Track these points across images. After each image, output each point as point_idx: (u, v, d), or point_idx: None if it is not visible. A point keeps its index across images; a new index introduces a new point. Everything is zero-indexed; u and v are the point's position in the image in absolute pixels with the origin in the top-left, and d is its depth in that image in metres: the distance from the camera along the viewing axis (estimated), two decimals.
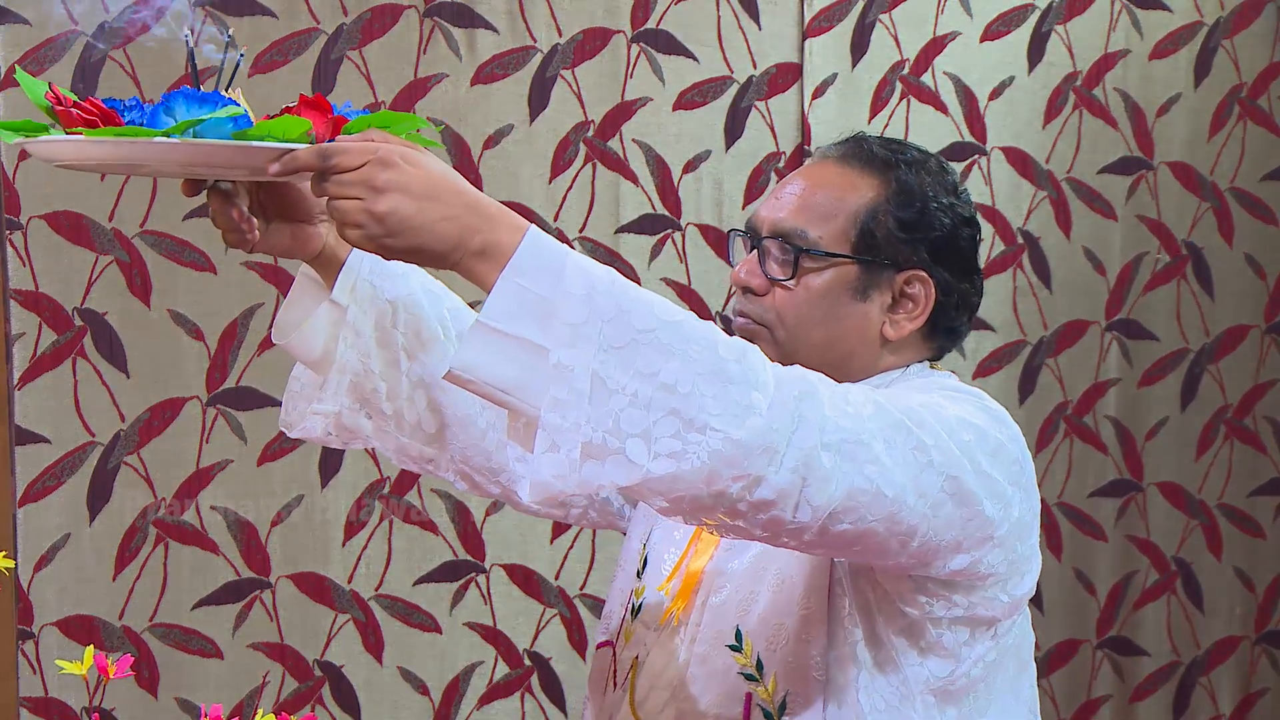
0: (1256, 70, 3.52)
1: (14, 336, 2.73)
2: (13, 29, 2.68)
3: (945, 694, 1.70)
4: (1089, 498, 3.47)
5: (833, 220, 1.75)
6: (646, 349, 1.44)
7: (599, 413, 1.42)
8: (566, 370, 1.42)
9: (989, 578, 1.66)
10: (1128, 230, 3.45)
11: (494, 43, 2.96)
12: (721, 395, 1.44)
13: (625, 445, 1.42)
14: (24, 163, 2.71)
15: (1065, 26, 3.35)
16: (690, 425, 1.43)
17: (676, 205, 3.09)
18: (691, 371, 1.44)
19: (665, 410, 1.42)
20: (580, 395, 1.42)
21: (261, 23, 2.82)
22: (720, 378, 1.44)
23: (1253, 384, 3.60)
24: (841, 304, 1.75)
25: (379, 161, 1.44)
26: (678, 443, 1.43)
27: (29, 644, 2.76)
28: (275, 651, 2.89)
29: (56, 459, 2.76)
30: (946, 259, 1.77)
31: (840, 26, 3.18)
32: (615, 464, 1.42)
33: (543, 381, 1.42)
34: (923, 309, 1.77)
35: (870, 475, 1.51)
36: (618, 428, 1.42)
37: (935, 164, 1.82)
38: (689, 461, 1.43)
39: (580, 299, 1.44)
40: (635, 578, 1.89)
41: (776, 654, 1.71)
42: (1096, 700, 3.51)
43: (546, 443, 1.42)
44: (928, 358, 1.82)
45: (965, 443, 1.60)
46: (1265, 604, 3.64)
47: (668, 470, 1.43)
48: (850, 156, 1.80)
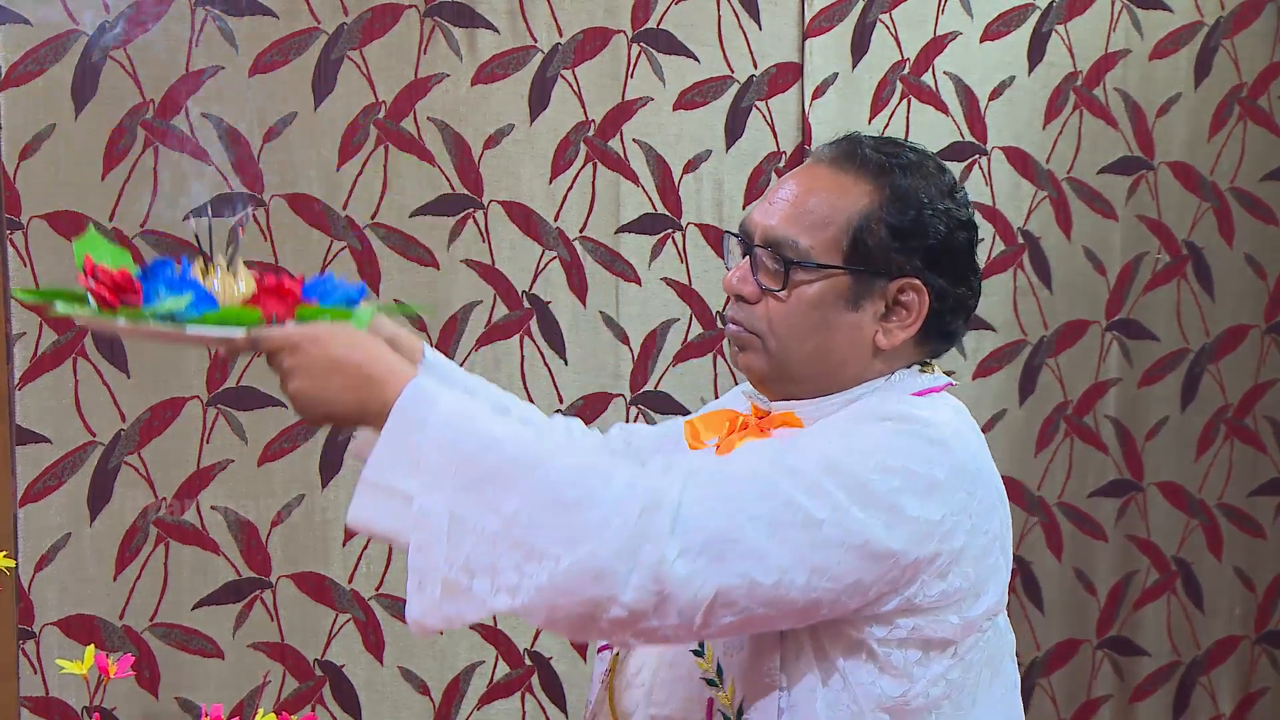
0: (1257, 70, 3.52)
1: (15, 336, 2.72)
2: (13, 29, 2.68)
3: (902, 712, 1.68)
4: (1089, 497, 3.46)
5: (825, 229, 1.72)
6: (493, 485, 1.52)
7: (454, 552, 1.52)
8: (427, 514, 1.53)
9: (929, 608, 1.65)
10: (1128, 230, 3.44)
11: (494, 42, 2.95)
12: (558, 521, 1.51)
13: (473, 583, 1.52)
14: (25, 163, 2.70)
15: (1065, 26, 3.34)
16: (529, 556, 1.51)
17: (677, 205, 3.09)
18: (531, 503, 1.52)
19: (509, 543, 1.52)
20: (439, 536, 1.52)
21: (262, 22, 2.81)
22: (556, 505, 1.52)
23: (1253, 384, 3.59)
24: (833, 314, 1.73)
25: (287, 349, 1.59)
26: (515, 575, 1.51)
27: (30, 643, 2.75)
28: (276, 651, 2.89)
29: (57, 459, 2.76)
30: (941, 265, 1.74)
31: (841, 26, 3.17)
32: (466, 600, 1.52)
33: (408, 526, 1.54)
34: (916, 317, 1.74)
35: (741, 570, 1.54)
36: (468, 565, 1.52)
37: (933, 166, 1.79)
38: (524, 594, 1.51)
39: (443, 445, 1.54)
40: None
41: (734, 660, 1.71)
42: (1097, 700, 3.50)
43: (415, 581, 1.53)
44: (920, 361, 1.79)
45: (880, 494, 1.59)
46: (1265, 604, 3.63)
47: (507, 605, 1.52)
48: (844, 159, 1.77)
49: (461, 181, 2.95)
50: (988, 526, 1.68)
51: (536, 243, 3.00)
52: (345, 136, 2.87)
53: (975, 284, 1.79)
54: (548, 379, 3.02)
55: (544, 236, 3.00)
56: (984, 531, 1.67)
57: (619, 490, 1.53)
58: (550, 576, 1.50)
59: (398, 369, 1.59)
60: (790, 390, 1.77)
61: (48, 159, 2.72)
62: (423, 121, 2.92)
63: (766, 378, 1.78)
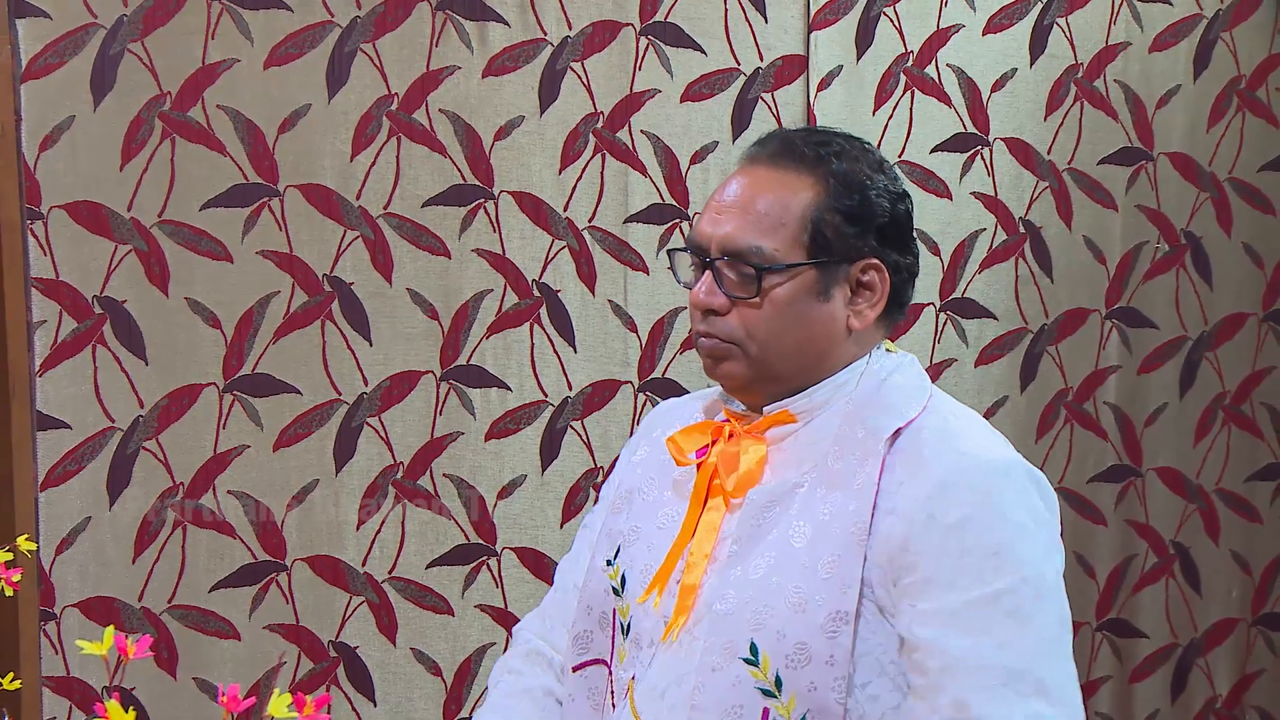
0: (1255, 62, 3.51)
1: (35, 324, 2.73)
2: (33, 22, 2.68)
3: None
4: (1089, 483, 3.46)
5: (782, 228, 1.74)
6: None
7: None
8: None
9: None
10: (1128, 220, 3.44)
11: (505, 35, 2.95)
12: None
13: None
14: (45, 153, 2.70)
15: (1066, 19, 3.34)
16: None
17: (684, 195, 3.09)
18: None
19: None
20: None
21: (277, 16, 2.81)
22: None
23: (1250, 371, 3.59)
24: (807, 309, 1.75)
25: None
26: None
27: (51, 625, 2.76)
28: (291, 633, 2.89)
29: (77, 444, 2.76)
30: (891, 240, 1.78)
31: (845, 19, 3.17)
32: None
33: None
34: (881, 294, 1.77)
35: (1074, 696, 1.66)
36: None
37: (859, 145, 1.81)
38: None
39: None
40: (615, 596, 1.85)
41: (799, 674, 1.67)
42: (1096, 681, 3.50)
43: None
44: (882, 337, 1.82)
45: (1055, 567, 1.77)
46: (1262, 587, 3.63)
47: None
48: (780, 156, 1.77)
49: (472, 172, 2.95)
50: None
51: (546, 232, 3.00)
52: (358, 128, 2.88)
53: (916, 250, 1.82)
54: (557, 366, 3.03)
55: (553, 226, 3.00)
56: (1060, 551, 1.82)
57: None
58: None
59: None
60: (775, 390, 1.78)
61: (67, 150, 2.72)
62: (434, 113, 2.92)
63: (749, 383, 1.78)
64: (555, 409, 3.04)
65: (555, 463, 3.04)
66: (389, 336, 2.92)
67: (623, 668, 1.82)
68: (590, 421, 3.06)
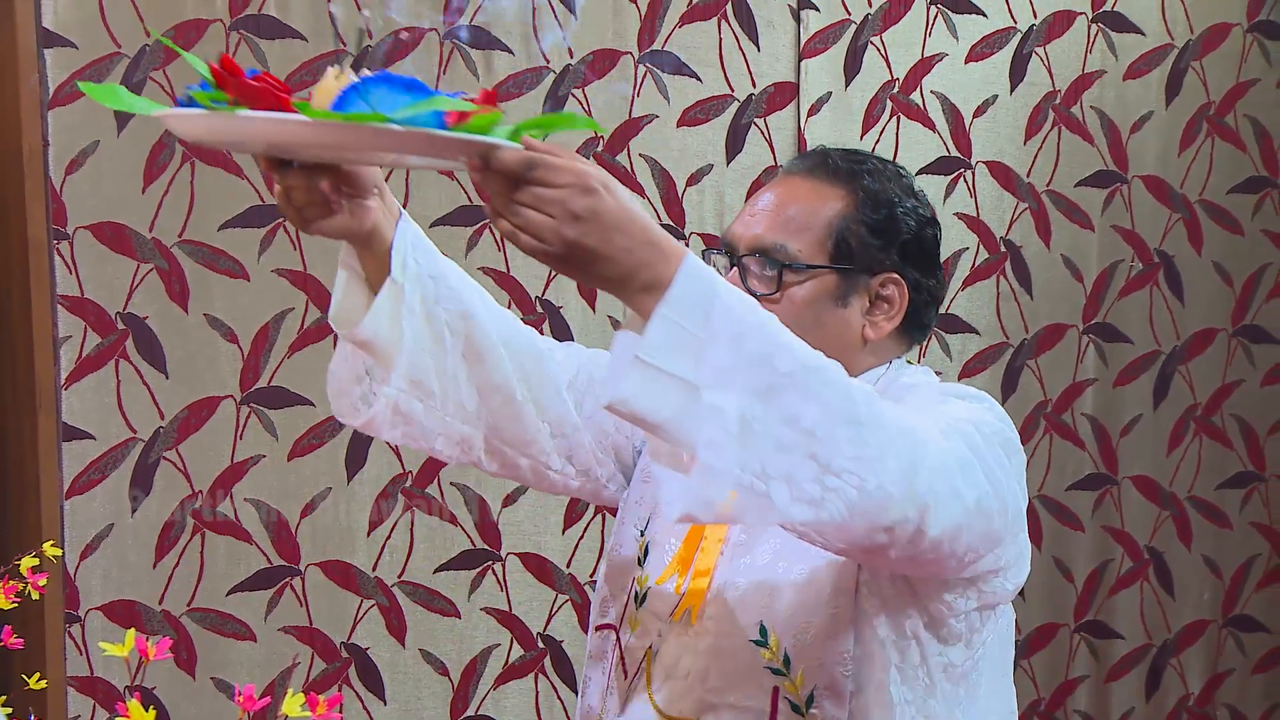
0: (1224, 90, 3.52)
1: (61, 339, 2.72)
2: (61, 52, 2.68)
3: (955, 677, 1.70)
4: (1067, 490, 3.46)
5: (808, 232, 1.73)
6: (788, 393, 1.38)
7: (748, 456, 1.36)
8: (718, 411, 1.35)
9: (1001, 570, 1.66)
10: (1104, 239, 3.44)
11: (509, 63, 2.95)
12: (854, 439, 1.40)
13: (770, 488, 1.38)
14: (70, 177, 2.70)
15: (1045, 48, 3.34)
16: (827, 469, 1.40)
17: (681, 215, 3.09)
18: (829, 417, 1.39)
19: (805, 454, 1.38)
20: (730, 437, 1.36)
21: (291, 45, 2.81)
22: (851, 423, 1.41)
23: (1220, 384, 3.59)
24: (824, 312, 1.74)
25: (581, 187, 1.34)
26: (817, 488, 1.39)
27: (75, 627, 2.75)
28: (305, 635, 2.89)
29: (101, 454, 2.76)
30: (915, 258, 1.76)
31: (834, 48, 3.17)
32: (758, 505, 1.39)
33: (696, 420, 1.36)
34: (899, 308, 1.76)
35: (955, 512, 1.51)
36: (764, 471, 1.37)
37: (894, 170, 1.80)
38: (828, 510, 1.40)
39: (729, 341, 1.37)
40: (636, 565, 1.84)
41: (805, 650, 1.67)
42: (1074, 680, 3.49)
43: (702, 479, 1.37)
44: (902, 352, 1.81)
45: (998, 454, 1.59)
46: (1232, 590, 3.63)
47: (806, 517, 1.40)
48: (815, 169, 1.78)
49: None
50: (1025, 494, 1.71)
51: None
52: None
53: (941, 276, 1.81)
54: None
55: None
56: (1024, 498, 1.70)
57: (893, 414, 1.46)
58: (857, 494, 1.41)
59: (672, 239, 1.40)
60: None
61: (92, 173, 2.72)
62: None
63: None
64: None
65: None
66: None
67: (637, 638, 1.80)
68: None
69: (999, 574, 1.66)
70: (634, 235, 1.36)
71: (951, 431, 1.55)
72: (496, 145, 1.31)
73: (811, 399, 1.39)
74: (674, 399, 1.35)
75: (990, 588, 1.67)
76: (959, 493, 1.51)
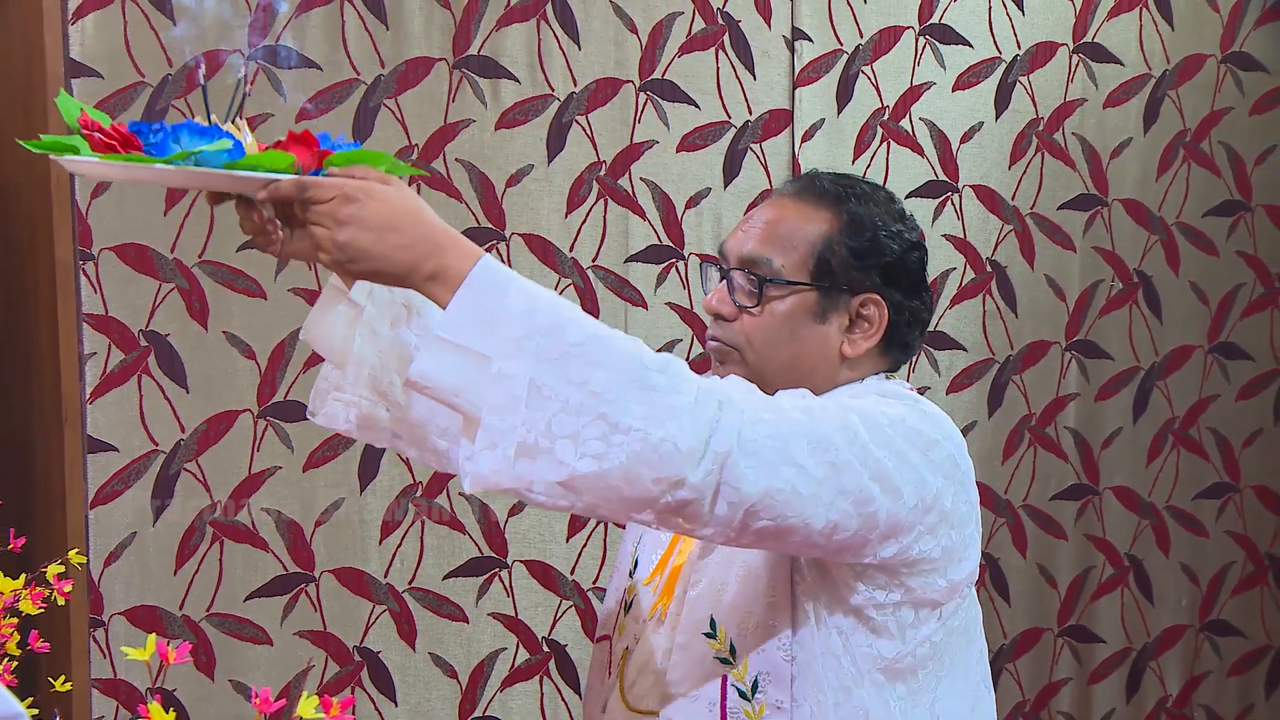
0: (1199, 117, 3.52)
1: (86, 356, 2.72)
2: (87, 81, 2.68)
3: (893, 672, 1.69)
4: (1050, 500, 3.45)
5: (793, 251, 1.74)
6: (577, 360, 1.45)
7: (534, 416, 1.43)
8: (506, 378, 1.44)
9: (922, 563, 1.65)
10: (1085, 260, 3.44)
11: (516, 91, 2.95)
12: (644, 400, 1.45)
13: (555, 446, 1.44)
14: (96, 200, 2.70)
15: (1028, 78, 3.35)
16: (615, 428, 1.44)
17: (680, 237, 3.09)
18: (617, 380, 1.45)
19: (593, 415, 1.44)
20: (517, 400, 1.43)
21: (308, 74, 2.82)
22: (643, 386, 1.46)
23: (1197, 398, 3.59)
24: (803, 326, 1.74)
25: (344, 197, 1.46)
26: (602, 444, 1.44)
27: (99, 631, 2.75)
28: (319, 639, 2.88)
29: (124, 465, 2.75)
30: (897, 281, 1.75)
31: (827, 77, 3.18)
32: (546, 462, 1.44)
33: (485, 387, 1.44)
34: (877, 328, 1.75)
35: (786, 476, 1.52)
36: (549, 430, 1.44)
37: (884, 195, 1.80)
38: (610, 460, 1.45)
39: (521, 315, 1.45)
40: (628, 577, 1.87)
41: (747, 639, 1.70)
42: (1058, 683, 3.49)
43: (486, 440, 1.44)
44: (883, 370, 1.80)
45: (892, 439, 1.60)
46: (1208, 596, 3.62)
47: (591, 469, 1.45)
48: (805, 191, 1.78)
49: (486, 216, 2.95)
50: (969, 496, 1.70)
51: (553, 271, 3.00)
52: None
53: (928, 298, 1.80)
54: None
55: (560, 265, 3.00)
56: (966, 500, 1.69)
57: (702, 383, 1.50)
58: (641, 445, 1.44)
59: (462, 239, 1.50)
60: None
61: (116, 197, 2.72)
62: (451, 162, 2.92)
63: None
64: None
65: None
66: None
67: (620, 641, 1.84)
68: None
69: (926, 570, 1.66)
70: (408, 232, 1.47)
71: (827, 415, 1.57)
72: (275, 179, 1.48)
73: (601, 366, 1.45)
74: (467, 370, 1.44)
75: (917, 583, 1.66)
76: (794, 460, 1.52)
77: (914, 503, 1.61)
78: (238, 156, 1.46)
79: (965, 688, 1.76)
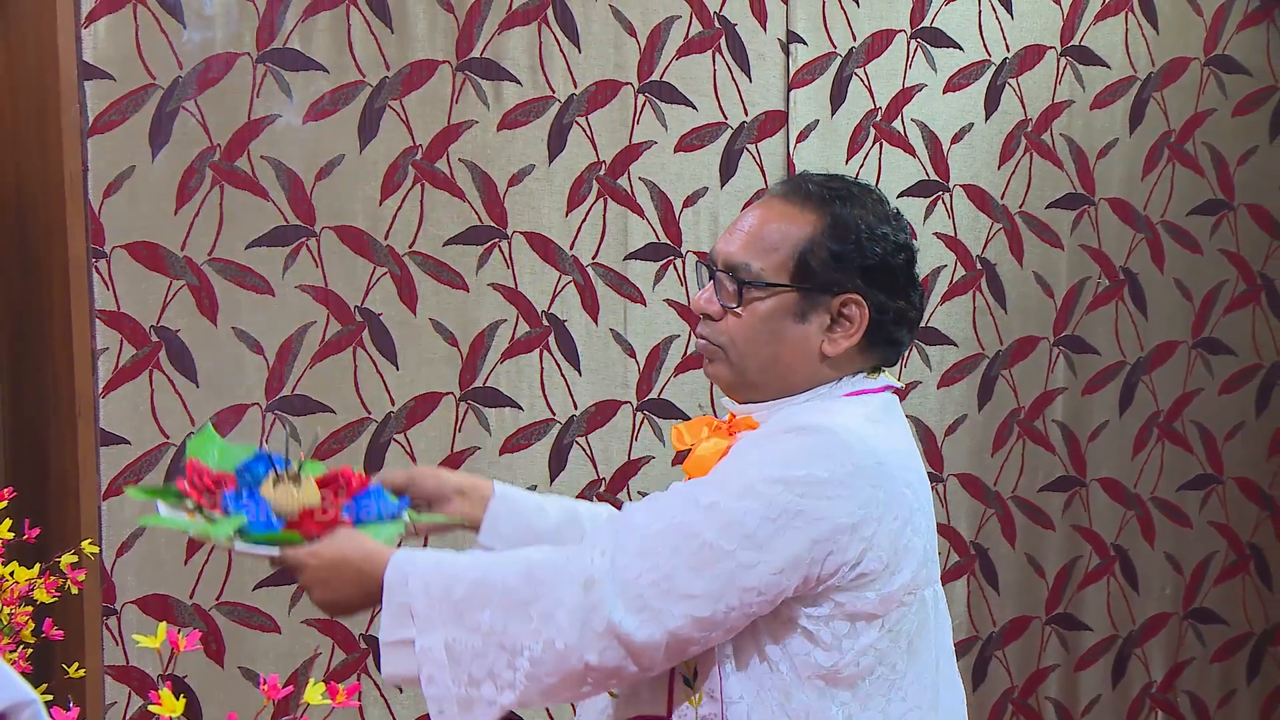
0: (1183, 119, 3.52)
1: (99, 351, 2.72)
2: (99, 84, 2.68)
3: (834, 680, 1.67)
4: (1039, 492, 3.45)
5: (775, 253, 1.73)
6: (468, 609, 1.63)
7: (458, 673, 1.64)
8: (428, 650, 1.65)
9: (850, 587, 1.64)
10: (1072, 257, 3.44)
11: (517, 93, 2.95)
12: (521, 618, 1.62)
13: (480, 690, 1.63)
14: (108, 199, 2.70)
15: (1017, 80, 3.35)
16: (513, 653, 1.62)
17: (677, 235, 3.09)
18: (499, 611, 1.63)
19: (495, 649, 1.63)
20: (442, 666, 1.64)
21: (315, 76, 2.82)
22: (518, 605, 1.62)
23: (1181, 392, 3.59)
24: (783, 327, 1.73)
25: (297, 569, 1.72)
26: (510, 672, 1.62)
27: (112, 619, 2.75)
28: (326, 627, 2.88)
29: (135, 458, 2.75)
30: (880, 281, 1.73)
31: (821, 79, 3.18)
32: (481, 708, 1.64)
33: (418, 665, 1.66)
34: (857, 328, 1.73)
35: (681, 612, 1.61)
36: (471, 678, 1.63)
37: (873, 197, 1.78)
38: (521, 682, 1.61)
39: (421, 594, 1.66)
40: None
41: None
42: (1045, 669, 3.49)
43: (435, 710, 1.65)
44: (867, 368, 1.77)
45: (794, 508, 1.61)
46: (1192, 585, 3.63)
47: (512, 698, 1.62)
48: (792, 194, 1.78)
49: (488, 215, 2.95)
50: (897, 512, 1.66)
51: (554, 268, 3.00)
52: (387, 176, 2.88)
53: (915, 298, 1.77)
54: (564, 388, 3.02)
55: (561, 263, 3.00)
56: (894, 517, 1.65)
57: (561, 577, 1.62)
58: (532, 664, 1.60)
59: (380, 554, 1.70)
60: (752, 395, 1.77)
61: (128, 196, 2.72)
62: (454, 162, 2.92)
63: (731, 385, 1.78)
64: (562, 426, 3.03)
65: (562, 475, 3.03)
66: (414, 362, 2.91)
67: None
68: (594, 438, 3.05)
69: (852, 588, 1.64)
70: (346, 576, 1.71)
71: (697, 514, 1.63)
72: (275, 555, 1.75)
73: (486, 605, 1.63)
74: (407, 659, 1.67)
75: (844, 598, 1.65)
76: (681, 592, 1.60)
77: (828, 551, 1.62)
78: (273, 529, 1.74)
79: (922, 692, 1.72)
